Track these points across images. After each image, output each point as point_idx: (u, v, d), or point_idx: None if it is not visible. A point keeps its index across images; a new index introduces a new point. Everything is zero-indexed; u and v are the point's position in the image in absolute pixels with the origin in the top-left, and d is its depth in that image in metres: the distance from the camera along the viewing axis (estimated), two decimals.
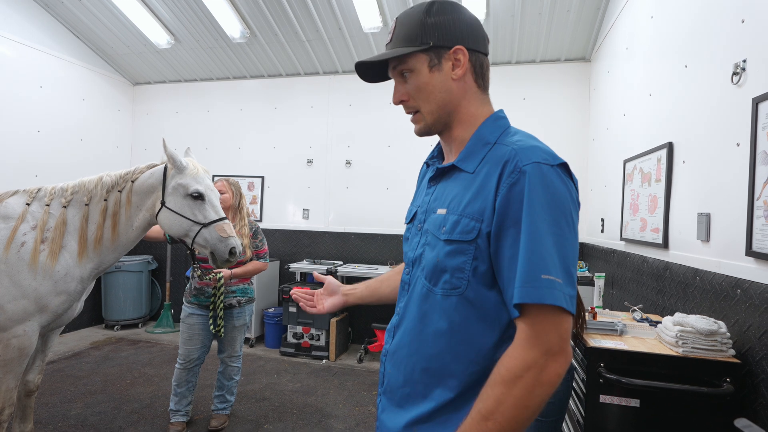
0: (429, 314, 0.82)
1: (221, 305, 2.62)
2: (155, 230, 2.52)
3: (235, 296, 2.72)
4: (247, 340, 4.55)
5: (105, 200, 2.06)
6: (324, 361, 4.15)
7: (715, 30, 1.84)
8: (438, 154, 0.98)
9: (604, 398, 1.57)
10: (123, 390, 3.32)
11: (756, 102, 1.48)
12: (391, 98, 0.94)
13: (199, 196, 2.07)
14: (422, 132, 0.91)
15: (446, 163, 0.92)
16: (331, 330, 4.19)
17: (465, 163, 0.85)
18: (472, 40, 0.85)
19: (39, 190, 2.07)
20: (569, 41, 4.01)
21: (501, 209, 0.74)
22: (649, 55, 2.61)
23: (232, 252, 2.11)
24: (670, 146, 2.20)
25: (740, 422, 0.69)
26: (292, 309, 4.24)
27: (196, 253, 2.43)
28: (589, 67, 4.19)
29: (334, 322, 4.21)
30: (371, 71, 0.92)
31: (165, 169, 2.11)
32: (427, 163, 1.00)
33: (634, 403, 1.54)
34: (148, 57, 5.00)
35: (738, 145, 1.62)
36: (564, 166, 0.77)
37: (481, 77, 0.88)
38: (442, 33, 0.84)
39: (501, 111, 0.90)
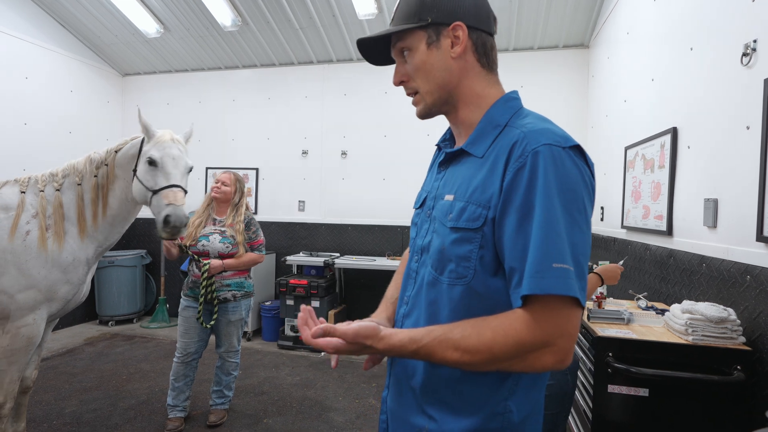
0: (438, 302, 0.79)
1: (209, 296, 2.56)
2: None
3: (230, 290, 2.65)
4: (244, 333, 4.51)
5: (95, 176, 2.11)
6: (322, 354, 4.11)
7: (723, 11, 1.79)
8: (450, 137, 0.93)
9: (612, 388, 1.54)
10: (119, 386, 3.27)
11: None
12: (385, 88, 0.90)
13: (152, 163, 2.05)
14: (423, 114, 0.87)
15: (456, 146, 0.87)
16: (329, 322, 4.13)
17: (474, 146, 0.81)
18: (474, 18, 0.81)
19: (29, 178, 2.10)
20: (568, 27, 3.95)
21: (506, 194, 0.71)
22: (651, 39, 2.56)
23: (166, 221, 1.97)
24: (674, 131, 2.16)
25: None
26: (290, 302, 4.20)
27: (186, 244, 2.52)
28: (587, 54, 4.13)
29: (332, 314, 4.18)
30: (377, 53, 0.90)
31: (143, 138, 2.17)
32: (438, 146, 0.95)
33: (643, 392, 1.52)
34: (137, 47, 4.87)
35: (748, 128, 1.58)
36: (577, 149, 0.72)
37: (484, 56, 0.84)
38: (441, 9, 0.80)
39: (514, 92, 0.85)
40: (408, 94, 0.88)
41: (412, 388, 0.82)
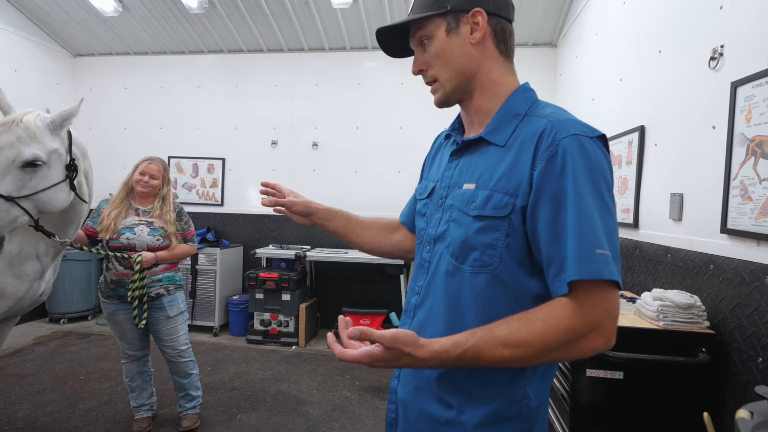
0: (459, 292, 0.79)
1: (139, 293, 2.32)
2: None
3: (162, 284, 2.43)
4: (210, 328, 4.37)
5: None
6: (293, 347, 4.06)
7: (692, 17, 1.90)
8: (459, 126, 0.93)
9: (590, 372, 1.62)
10: (77, 387, 3.08)
11: (735, 86, 1.55)
12: (358, 79, 0.90)
13: None
14: (441, 102, 0.87)
15: (470, 135, 0.88)
16: (300, 316, 4.10)
17: (494, 135, 0.81)
18: (493, 4, 0.82)
19: None
20: (538, 26, 4.06)
21: (539, 183, 0.72)
22: (620, 41, 2.68)
23: None
24: (642, 129, 2.28)
25: (761, 389, 0.71)
26: (259, 295, 4.10)
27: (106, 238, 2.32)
28: (555, 53, 4.27)
29: (304, 307, 4.12)
30: (395, 45, 0.91)
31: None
32: (447, 135, 0.95)
33: (618, 375, 1.61)
34: (91, 25, 4.55)
35: (714, 127, 1.69)
36: (602, 138, 0.75)
37: (503, 43, 0.85)
38: None
39: (527, 84, 0.87)
40: (427, 83, 0.88)
41: (427, 377, 0.82)
